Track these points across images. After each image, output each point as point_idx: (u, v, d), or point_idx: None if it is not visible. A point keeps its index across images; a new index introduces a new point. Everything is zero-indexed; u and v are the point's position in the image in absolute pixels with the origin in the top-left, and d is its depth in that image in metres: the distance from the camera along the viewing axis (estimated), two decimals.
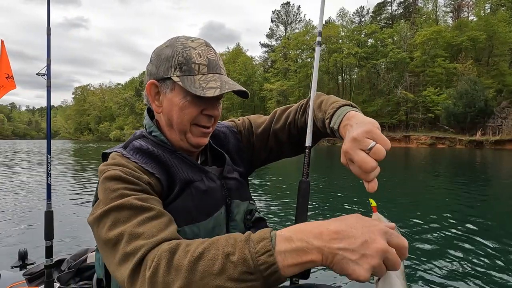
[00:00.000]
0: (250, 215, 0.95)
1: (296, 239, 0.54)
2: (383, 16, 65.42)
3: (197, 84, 0.81)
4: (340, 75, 59.00)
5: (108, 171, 0.75)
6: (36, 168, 13.93)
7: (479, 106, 36.63)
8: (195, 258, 0.55)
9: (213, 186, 0.88)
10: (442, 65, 45.04)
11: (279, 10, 72.87)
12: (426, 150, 32.56)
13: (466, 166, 16.28)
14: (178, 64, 0.83)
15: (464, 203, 6.81)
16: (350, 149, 0.64)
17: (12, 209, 6.05)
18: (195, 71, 0.83)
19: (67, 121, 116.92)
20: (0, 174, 11.74)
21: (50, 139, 2.41)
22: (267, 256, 0.53)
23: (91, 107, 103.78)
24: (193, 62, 0.83)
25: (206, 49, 0.86)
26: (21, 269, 2.16)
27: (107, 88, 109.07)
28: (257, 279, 0.53)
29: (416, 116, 45.35)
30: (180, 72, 0.82)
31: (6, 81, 3.08)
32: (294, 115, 1.04)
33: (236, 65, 62.58)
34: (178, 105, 0.83)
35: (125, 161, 0.79)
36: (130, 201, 0.68)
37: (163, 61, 0.85)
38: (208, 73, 0.84)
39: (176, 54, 0.84)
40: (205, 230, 0.83)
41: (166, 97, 0.85)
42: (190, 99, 0.83)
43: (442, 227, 4.73)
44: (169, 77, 0.83)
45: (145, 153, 0.83)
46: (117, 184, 0.72)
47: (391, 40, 52.17)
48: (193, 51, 0.84)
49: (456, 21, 52.55)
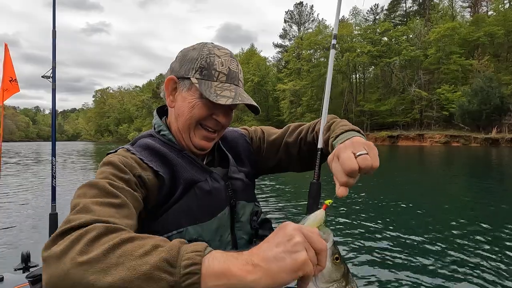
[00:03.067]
0: (256, 216, 0.97)
1: (231, 254, 0.53)
2: (397, 13, 64.59)
3: (213, 90, 0.84)
4: (354, 74, 58.70)
5: (107, 158, 0.79)
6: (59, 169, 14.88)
7: (495, 103, 35.85)
8: (124, 240, 0.54)
9: (217, 186, 0.89)
10: (458, 62, 44.25)
11: (292, 10, 73.02)
12: (440, 149, 32.10)
13: (481, 165, 15.88)
14: (200, 67, 0.87)
15: (482, 202, 6.79)
16: (343, 148, 0.66)
17: (18, 211, 6.32)
18: (214, 77, 0.86)
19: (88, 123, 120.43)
20: (25, 175, 12.65)
21: (55, 141, 2.56)
22: (195, 254, 0.52)
23: (111, 110, 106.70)
24: (214, 69, 0.87)
25: (230, 59, 0.90)
26: (24, 271, 2.19)
27: (125, 91, 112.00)
28: (174, 275, 0.50)
29: (431, 114, 44.71)
30: (200, 75, 0.86)
31: (10, 84, 3.12)
32: (306, 132, 1.04)
33: (250, 66, 63.15)
34: (191, 103, 0.87)
35: (128, 154, 0.83)
36: (102, 183, 0.69)
37: (187, 61, 0.89)
38: (226, 82, 0.87)
39: (201, 58, 0.88)
40: (208, 231, 0.84)
41: (182, 94, 0.89)
42: (204, 101, 0.86)
43: (461, 229, 4.76)
44: (188, 77, 0.87)
45: (152, 150, 0.85)
46: (108, 168, 0.75)
47: (405, 38, 51.61)
48: (217, 58, 0.88)
49: (473, 16, 51.45)
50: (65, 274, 0.52)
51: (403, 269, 3.51)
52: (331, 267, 0.59)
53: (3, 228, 5.20)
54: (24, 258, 2.31)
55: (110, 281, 0.50)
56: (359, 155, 0.64)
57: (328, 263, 0.58)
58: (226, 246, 0.88)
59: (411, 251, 4.02)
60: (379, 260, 3.77)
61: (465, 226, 4.99)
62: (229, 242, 0.90)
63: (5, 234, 4.85)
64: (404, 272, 3.42)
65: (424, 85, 47.70)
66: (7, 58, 3.11)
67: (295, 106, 54.33)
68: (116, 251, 0.53)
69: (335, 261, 0.60)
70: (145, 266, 0.50)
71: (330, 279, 0.59)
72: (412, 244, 4.27)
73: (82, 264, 0.51)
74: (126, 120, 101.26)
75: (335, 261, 0.60)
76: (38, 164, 18.36)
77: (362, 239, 4.51)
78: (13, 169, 14.79)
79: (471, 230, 4.77)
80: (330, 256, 0.59)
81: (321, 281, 0.58)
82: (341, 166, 0.63)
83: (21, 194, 8.24)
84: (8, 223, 5.46)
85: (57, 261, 0.53)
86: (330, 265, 0.59)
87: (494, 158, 19.87)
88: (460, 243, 4.23)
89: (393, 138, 44.96)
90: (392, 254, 3.94)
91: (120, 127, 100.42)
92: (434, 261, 3.66)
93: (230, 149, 1.04)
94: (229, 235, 0.90)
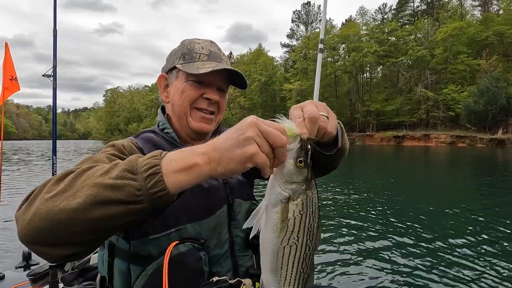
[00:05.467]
0: None
1: (185, 150, 0.57)
2: (405, 12, 64.12)
3: (195, 66, 0.89)
4: (360, 74, 58.55)
5: (111, 142, 0.83)
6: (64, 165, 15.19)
7: (501, 104, 35.57)
8: (85, 169, 0.57)
9: (215, 184, 0.90)
10: (466, 62, 43.86)
11: (299, 10, 73.20)
12: (446, 149, 31.90)
13: (486, 166, 15.68)
14: (182, 54, 0.93)
15: (486, 203, 6.80)
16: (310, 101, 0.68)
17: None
18: (196, 58, 0.92)
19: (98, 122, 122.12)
20: (25, 171, 13.05)
21: (55, 140, 2.54)
22: (152, 159, 0.55)
23: (121, 109, 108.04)
24: (196, 52, 0.92)
25: (209, 44, 0.95)
26: (25, 269, 2.21)
27: (135, 90, 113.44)
28: (137, 179, 0.53)
29: (437, 114, 44.48)
30: (183, 60, 0.92)
31: (10, 83, 3.10)
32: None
33: (257, 66, 63.47)
34: (180, 89, 0.91)
35: (131, 142, 0.86)
36: (100, 156, 0.72)
37: (172, 56, 0.97)
38: (208, 60, 0.92)
39: (182, 47, 0.95)
40: (207, 229, 0.86)
41: (172, 85, 0.94)
42: (190, 83, 0.90)
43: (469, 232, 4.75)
44: (174, 66, 0.93)
45: (153, 144, 0.89)
46: (110, 148, 0.79)
47: (412, 37, 51.30)
48: (197, 44, 0.94)
49: (483, 15, 50.83)
50: (34, 214, 0.52)
51: (404, 268, 3.56)
52: (292, 168, 0.60)
53: (4, 226, 5.27)
54: (25, 257, 2.31)
55: (80, 201, 0.51)
56: (321, 114, 0.66)
57: (289, 163, 0.60)
58: (224, 244, 0.89)
59: (414, 251, 4.07)
60: (382, 259, 3.84)
61: (473, 227, 4.98)
62: (227, 240, 0.90)
63: (6, 233, 4.91)
64: (407, 272, 3.47)
65: (431, 85, 47.41)
66: (7, 57, 3.07)
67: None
68: (80, 178, 0.55)
69: (298, 163, 0.61)
70: (109, 180, 0.53)
71: (290, 179, 0.61)
72: (417, 244, 4.31)
73: (50, 199, 0.52)
74: (135, 119, 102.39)
75: (297, 163, 0.61)
76: (41, 161, 18.99)
77: (365, 239, 4.57)
78: (14, 167, 15.26)
79: (479, 231, 4.77)
80: (293, 158, 0.60)
81: (280, 179, 0.61)
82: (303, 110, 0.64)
83: (24, 192, 8.26)
84: (9, 221, 5.46)
85: (25, 210, 0.54)
86: (292, 166, 0.60)
87: (500, 159, 19.66)
88: (467, 244, 4.25)
89: (398, 138, 44.88)
90: (395, 254, 3.99)
91: (129, 126, 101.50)
92: (440, 261, 3.71)
93: None
94: (226, 233, 0.91)
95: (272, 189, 0.62)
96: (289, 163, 0.60)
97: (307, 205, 0.62)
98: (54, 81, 2.53)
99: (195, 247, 0.81)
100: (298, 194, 0.61)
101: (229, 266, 0.89)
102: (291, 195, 0.60)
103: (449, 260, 3.81)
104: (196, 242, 0.82)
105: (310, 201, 0.62)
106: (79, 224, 0.52)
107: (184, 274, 0.79)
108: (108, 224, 0.54)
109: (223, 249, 0.88)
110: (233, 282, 0.85)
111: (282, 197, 0.60)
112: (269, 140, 0.55)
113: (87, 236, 0.54)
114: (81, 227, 0.52)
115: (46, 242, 0.53)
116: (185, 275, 0.79)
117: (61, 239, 0.53)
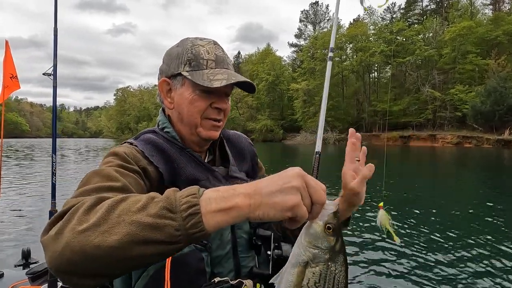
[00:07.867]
0: None
1: (223, 189, 0.55)
2: (414, 12, 63.65)
3: (205, 77, 0.86)
4: (367, 74, 58.43)
5: (113, 149, 0.82)
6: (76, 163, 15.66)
7: (508, 104, 35.21)
8: (118, 200, 0.55)
9: (218, 186, 0.84)
10: (474, 62, 43.47)
11: (307, 10, 73.28)
12: (452, 150, 31.75)
13: (493, 167, 15.59)
14: (187, 60, 0.89)
15: (491, 205, 6.86)
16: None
17: (19, 208, 6.35)
18: (204, 66, 0.88)
19: (109, 121, 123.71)
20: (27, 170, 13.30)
21: (55, 138, 2.54)
22: (191, 197, 0.53)
23: (131, 108, 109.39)
24: (202, 57, 0.89)
25: (214, 47, 0.92)
26: (24, 268, 2.20)
27: (145, 90, 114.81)
28: (176, 219, 0.51)
29: (444, 114, 44.22)
30: (190, 67, 0.88)
31: (11, 81, 3.05)
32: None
33: (265, 65, 63.81)
34: (188, 99, 0.88)
35: (132, 147, 0.86)
36: (107, 170, 0.71)
37: (174, 58, 0.91)
38: (216, 67, 0.89)
39: (186, 51, 0.90)
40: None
41: (177, 92, 0.91)
42: (199, 93, 0.88)
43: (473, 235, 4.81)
44: (179, 73, 0.89)
45: (154, 146, 0.87)
46: (114, 158, 0.78)
47: (421, 37, 51.00)
48: (202, 48, 0.90)
49: (493, 14, 50.24)
50: (66, 246, 0.50)
51: (409, 269, 3.65)
52: (319, 230, 0.58)
53: (4, 225, 5.30)
54: (24, 255, 2.32)
55: (117, 239, 0.50)
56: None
57: (318, 225, 0.58)
58: (226, 245, 0.89)
59: (419, 252, 4.18)
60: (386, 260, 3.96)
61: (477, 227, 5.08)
62: (229, 241, 0.89)
63: (6, 231, 4.93)
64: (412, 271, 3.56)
65: (439, 85, 47.09)
66: (7, 55, 3.05)
67: (308, 106, 54.70)
68: (114, 212, 0.53)
69: (326, 229, 0.57)
70: (147, 218, 0.51)
71: (314, 242, 0.57)
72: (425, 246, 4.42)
73: (83, 232, 0.51)
74: (145, 118, 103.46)
75: (325, 229, 0.57)
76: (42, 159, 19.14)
77: (372, 241, 4.67)
78: (15, 165, 15.47)
79: (485, 232, 4.87)
80: (324, 221, 0.58)
81: (305, 238, 0.59)
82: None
83: (23, 191, 8.42)
84: (9, 220, 5.50)
85: (55, 239, 0.52)
86: (319, 229, 0.58)
87: (506, 161, 19.57)
88: (470, 244, 4.34)
89: (405, 138, 44.76)
90: (402, 254, 4.11)
91: (139, 125, 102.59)
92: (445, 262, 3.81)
93: (233, 147, 1.06)
94: (229, 234, 0.90)
95: (295, 248, 0.59)
96: (318, 224, 0.58)
97: (326, 278, 0.57)
98: (54, 79, 2.47)
99: (197, 248, 0.81)
100: (318, 261, 0.57)
101: (231, 267, 0.89)
102: (310, 259, 0.57)
103: (463, 260, 3.85)
104: (198, 243, 0.83)
105: (330, 275, 0.57)
106: (113, 262, 0.52)
107: (186, 275, 0.79)
108: (142, 262, 0.54)
109: (225, 250, 0.88)
110: (234, 283, 0.85)
111: (301, 259, 0.57)
112: (312, 195, 0.55)
113: (117, 271, 0.55)
114: (115, 264, 0.52)
115: (76, 274, 0.53)
116: (187, 276, 0.79)
117: (92, 272, 0.53)
